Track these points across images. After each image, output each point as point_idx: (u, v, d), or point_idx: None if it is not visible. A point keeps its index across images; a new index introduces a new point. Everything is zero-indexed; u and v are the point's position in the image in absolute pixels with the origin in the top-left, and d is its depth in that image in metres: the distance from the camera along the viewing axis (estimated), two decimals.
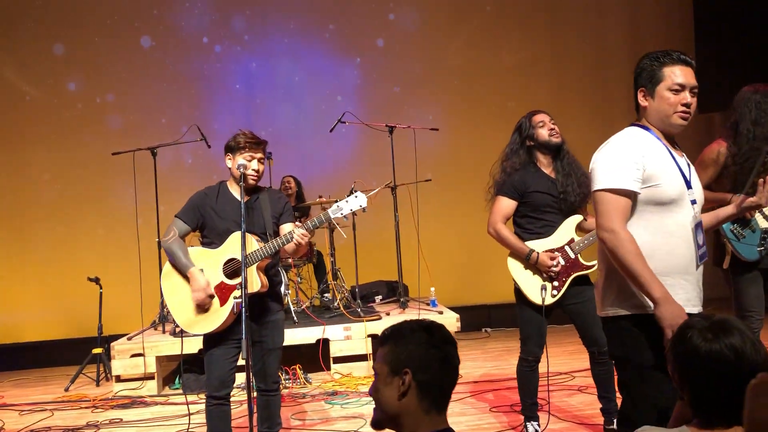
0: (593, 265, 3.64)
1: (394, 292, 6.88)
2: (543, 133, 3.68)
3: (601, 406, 3.76)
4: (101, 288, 6.29)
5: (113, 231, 7.51)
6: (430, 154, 7.15)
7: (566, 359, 5.77)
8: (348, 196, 3.35)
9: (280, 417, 3.63)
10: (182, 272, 3.34)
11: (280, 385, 3.69)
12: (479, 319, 7.73)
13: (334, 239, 6.72)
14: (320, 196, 6.61)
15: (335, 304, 6.43)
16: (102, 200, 7.67)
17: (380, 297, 7.01)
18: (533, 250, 3.59)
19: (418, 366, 1.70)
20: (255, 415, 3.16)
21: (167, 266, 3.42)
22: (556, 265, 3.56)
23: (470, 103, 8.25)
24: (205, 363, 3.41)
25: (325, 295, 6.76)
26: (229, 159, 3.41)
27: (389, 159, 6.23)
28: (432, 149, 7.33)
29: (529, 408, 3.80)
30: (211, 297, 3.29)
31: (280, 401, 3.66)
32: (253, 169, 3.33)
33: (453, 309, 6.34)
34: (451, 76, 8.32)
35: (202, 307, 3.29)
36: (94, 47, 7.79)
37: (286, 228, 3.48)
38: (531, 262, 3.60)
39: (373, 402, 1.79)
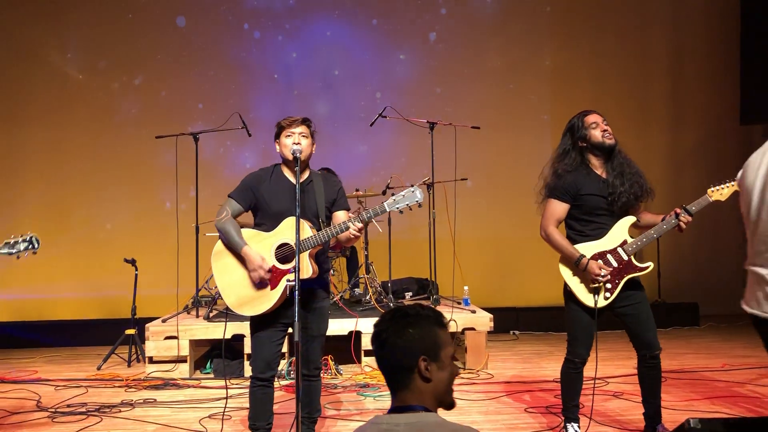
0: (647, 267, 3.60)
1: (425, 289, 6.86)
2: (596, 135, 3.63)
3: (644, 410, 3.72)
4: (137, 270, 6.34)
5: (152, 214, 7.58)
6: (468, 154, 7.12)
7: (600, 365, 5.70)
8: (403, 190, 3.33)
9: (320, 403, 3.64)
10: (235, 251, 3.34)
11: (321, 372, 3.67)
12: (507, 321, 7.68)
13: (369, 233, 6.73)
14: (357, 190, 6.62)
15: (367, 297, 6.44)
16: (141, 183, 7.74)
17: (410, 294, 7.00)
18: (583, 256, 3.54)
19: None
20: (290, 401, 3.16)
21: (218, 246, 3.42)
22: (604, 276, 3.50)
23: (509, 105, 8.23)
24: (251, 345, 3.43)
25: (356, 289, 6.77)
26: (277, 144, 3.43)
27: (426, 156, 6.21)
28: (470, 149, 7.30)
29: (571, 410, 3.76)
30: (270, 272, 3.29)
31: (321, 388, 3.67)
32: (294, 143, 3.33)
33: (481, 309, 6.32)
34: (492, 77, 8.29)
35: (261, 286, 3.29)
36: (132, 30, 7.86)
37: (339, 215, 3.48)
38: (580, 268, 3.54)
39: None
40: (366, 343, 5.71)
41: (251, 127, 6.25)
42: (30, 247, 3.62)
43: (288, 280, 3.16)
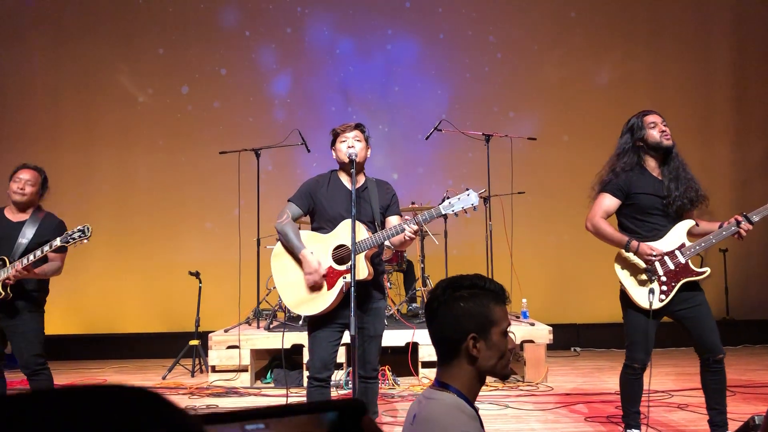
0: (704, 272, 3.53)
1: None
2: (654, 135, 3.61)
3: (708, 418, 3.60)
4: (201, 282, 6.55)
5: (215, 229, 7.82)
6: (525, 167, 7.11)
7: (662, 379, 5.57)
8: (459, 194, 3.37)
9: (377, 406, 3.68)
10: (294, 253, 3.45)
11: (379, 374, 3.71)
12: (568, 337, 7.56)
13: (425, 247, 6.77)
14: (413, 203, 6.68)
15: (424, 311, 6.45)
16: (205, 198, 8.01)
17: None
18: (632, 239, 3.51)
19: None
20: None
21: (278, 247, 3.54)
22: (657, 256, 3.45)
23: (567, 117, 8.17)
24: (308, 345, 3.51)
25: (413, 303, 6.79)
26: (333, 150, 3.55)
27: (483, 169, 6.23)
28: (527, 162, 7.28)
29: (632, 416, 3.68)
30: (324, 277, 3.38)
31: (378, 390, 3.70)
32: (348, 146, 3.44)
33: None
34: (550, 89, 8.26)
35: (315, 288, 3.38)
36: (200, 50, 8.20)
37: (392, 220, 3.56)
38: (631, 250, 3.50)
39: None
40: (423, 355, 5.72)
41: (309, 142, 6.41)
42: (82, 235, 3.87)
43: (344, 279, 3.24)
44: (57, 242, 3.92)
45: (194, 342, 6.39)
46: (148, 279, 7.91)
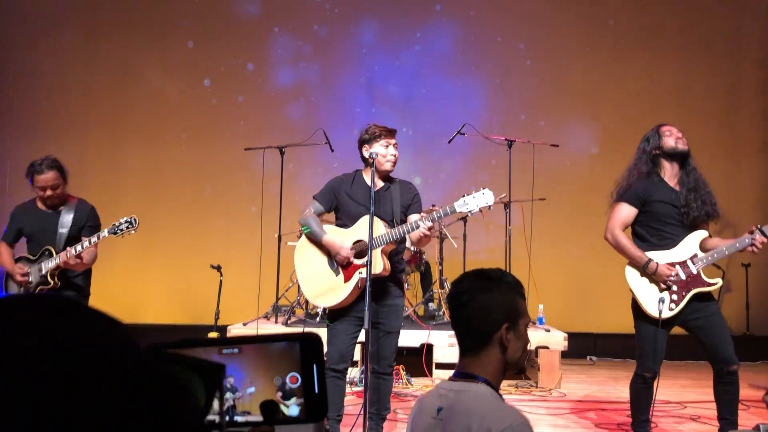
0: (716, 283, 3.54)
1: None
2: (669, 141, 3.68)
3: (719, 427, 3.61)
4: (222, 276, 6.66)
5: (237, 223, 7.94)
6: (547, 174, 7.12)
7: (678, 390, 5.56)
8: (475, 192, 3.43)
9: (389, 402, 3.73)
10: (317, 240, 3.55)
11: (393, 371, 3.77)
12: (584, 346, 7.54)
13: (444, 250, 6.82)
14: (433, 205, 6.72)
15: (440, 312, 6.50)
16: (228, 193, 8.12)
17: None
18: (651, 260, 3.54)
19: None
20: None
21: (301, 241, 3.66)
22: (674, 276, 3.48)
23: (591, 126, 8.16)
24: (327, 337, 3.59)
25: (430, 304, 6.84)
26: (366, 150, 3.61)
27: (504, 174, 6.26)
28: (549, 169, 7.29)
29: (641, 425, 3.70)
30: (352, 250, 3.48)
31: (392, 387, 3.76)
32: (391, 154, 3.52)
33: None
34: (574, 98, 8.25)
35: (333, 280, 3.48)
36: (224, 44, 8.32)
37: (412, 218, 3.63)
38: (649, 272, 3.53)
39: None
40: (438, 356, 5.78)
41: (334, 142, 6.48)
42: (129, 226, 3.94)
43: (360, 273, 3.32)
44: (105, 233, 3.95)
45: (213, 334, 6.49)
46: (172, 270, 8.04)
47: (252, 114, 8.25)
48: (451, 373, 1.82)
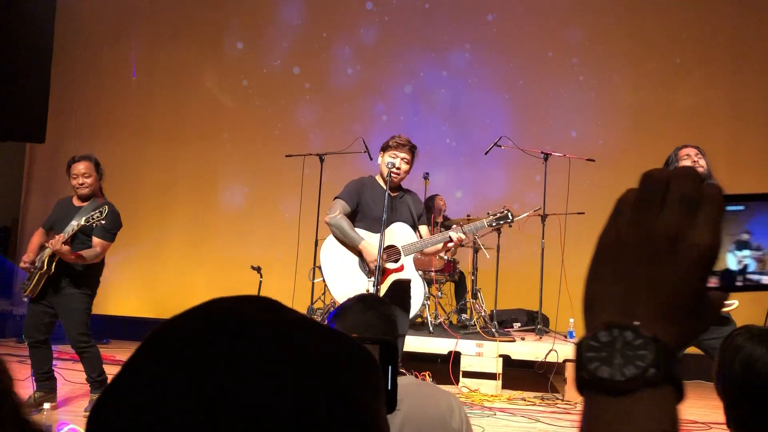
0: (731, 305, 3.55)
1: (534, 321, 6.87)
2: (685, 165, 3.68)
3: None
4: (261, 277, 6.89)
5: (278, 228, 8.18)
6: (584, 188, 7.11)
7: (706, 411, 5.48)
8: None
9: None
10: (352, 244, 3.70)
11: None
12: None
13: (478, 260, 6.88)
14: (468, 215, 6.82)
15: (472, 322, 6.56)
16: (269, 196, 8.39)
17: (519, 324, 7.02)
18: None
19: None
20: None
21: (329, 240, 3.80)
22: None
23: (637, 143, 8.07)
24: None
25: (463, 314, 6.90)
26: (381, 156, 3.78)
27: (540, 187, 6.30)
28: (587, 183, 7.28)
29: None
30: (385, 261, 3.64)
31: None
32: (395, 167, 3.66)
33: None
34: (621, 114, 8.18)
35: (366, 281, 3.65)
36: (273, 47, 8.58)
37: (422, 229, 3.78)
38: None
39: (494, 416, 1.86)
40: (465, 365, 5.84)
41: (373, 152, 6.65)
42: (99, 216, 4.13)
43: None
44: (82, 221, 4.17)
45: None
46: (216, 269, 8.35)
47: (292, 118, 8.48)
48: (478, 382, 1.82)
